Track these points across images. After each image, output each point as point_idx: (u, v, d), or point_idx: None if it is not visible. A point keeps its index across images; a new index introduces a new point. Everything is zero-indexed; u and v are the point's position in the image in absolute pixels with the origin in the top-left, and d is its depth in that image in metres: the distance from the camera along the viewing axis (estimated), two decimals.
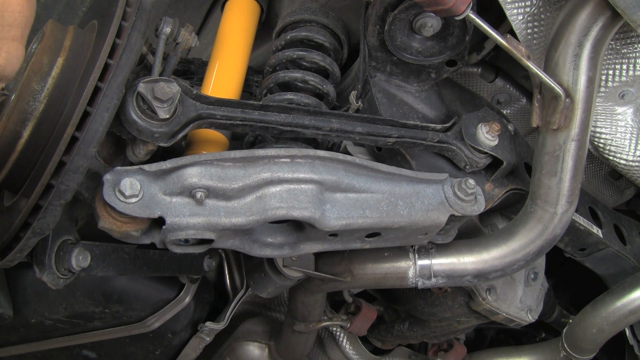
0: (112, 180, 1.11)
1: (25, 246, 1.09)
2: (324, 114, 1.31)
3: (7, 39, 0.78)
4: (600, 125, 1.50)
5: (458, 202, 1.35)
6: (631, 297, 1.63)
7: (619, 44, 1.36)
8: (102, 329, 1.87)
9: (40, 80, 1.08)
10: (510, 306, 1.71)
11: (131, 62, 1.07)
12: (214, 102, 1.21)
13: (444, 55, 1.44)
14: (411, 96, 1.54)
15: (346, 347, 2.13)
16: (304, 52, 1.53)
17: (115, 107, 1.05)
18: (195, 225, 1.16)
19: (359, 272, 1.58)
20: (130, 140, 1.19)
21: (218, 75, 1.54)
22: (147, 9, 1.13)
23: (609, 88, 1.43)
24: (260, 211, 1.20)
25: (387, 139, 1.36)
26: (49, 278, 1.23)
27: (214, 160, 1.18)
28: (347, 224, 1.25)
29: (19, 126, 1.07)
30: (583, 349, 1.75)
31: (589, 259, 1.79)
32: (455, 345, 2.04)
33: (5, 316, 1.76)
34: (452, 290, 1.75)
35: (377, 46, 1.45)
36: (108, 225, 1.15)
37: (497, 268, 1.47)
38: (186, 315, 1.92)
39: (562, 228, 1.42)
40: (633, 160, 1.54)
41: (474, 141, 1.42)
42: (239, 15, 1.64)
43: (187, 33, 1.31)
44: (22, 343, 1.91)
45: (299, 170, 1.23)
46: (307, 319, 1.85)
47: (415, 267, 1.51)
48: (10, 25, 0.77)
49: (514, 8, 1.34)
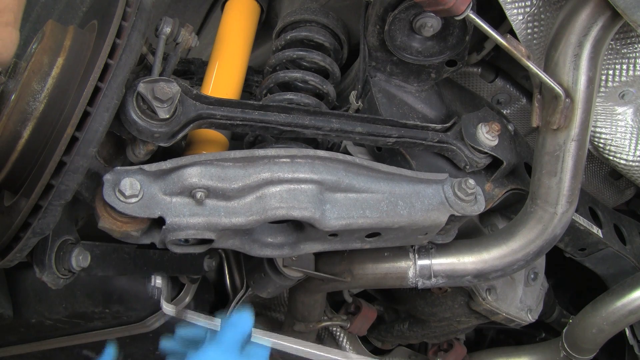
0: (112, 180, 1.11)
1: (25, 246, 1.09)
2: (324, 114, 1.31)
3: (0, 25, 0.77)
4: (600, 125, 1.50)
5: (458, 202, 1.35)
6: (631, 297, 1.63)
7: (619, 44, 1.36)
8: (102, 329, 1.87)
9: (40, 80, 1.08)
10: (510, 306, 1.71)
11: (131, 62, 1.07)
12: (214, 102, 1.21)
13: (444, 55, 1.44)
14: (411, 96, 1.54)
15: (346, 347, 2.13)
16: (304, 52, 1.53)
17: (115, 107, 1.05)
18: (195, 225, 1.16)
19: (359, 272, 1.58)
20: (130, 140, 1.19)
21: (218, 75, 1.54)
22: (147, 9, 1.13)
23: (609, 88, 1.43)
24: (260, 211, 1.20)
25: (387, 139, 1.36)
26: (49, 278, 1.23)
27: (214, 160, 1.18)
28: (347, 224, 1.25)
29: (19, 126, 1.07)
30: (583, 349, 1.75)
31: (589, 259, 1.79)
32: (455, 345, 2.04)
33: (5, 316, 1.76)
34: (452, 290, 1.75)
35: (377, 46, 1.45)
36: (108, 225, 1.15)
37: (497, 268, 1.47)
38: None
39: (562, 228, 1.42)
40: (633, 160, 1.54)
41: (474, 141, 1.42)
42: (239, 15, 1.64)
43: (187, 33, 1.31)
44: (22, 343, 1.91)
45: (299, 170, 1.23)
46: (307, 319, 1.85)
47: (415, 267, 1.51)
48: (3, 11, 0.77)
49: (514, 8, 1.34)
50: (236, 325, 1.17)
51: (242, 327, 1.18)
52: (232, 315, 1.19)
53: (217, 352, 1.12)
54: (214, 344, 1.13)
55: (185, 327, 1.26)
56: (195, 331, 1.25)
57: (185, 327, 1.26)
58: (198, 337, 1.25)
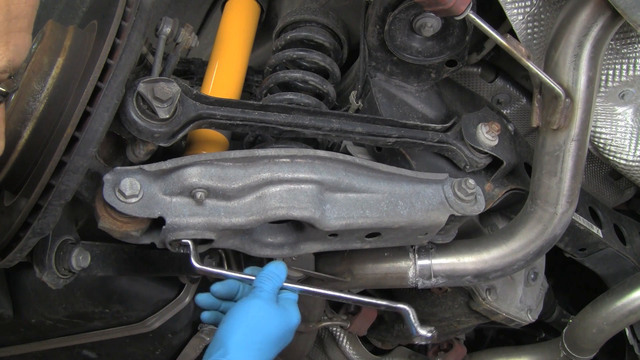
0: (112, 180, 1.11)
1: (25, 246, 1.09)
2: (324, 114, 1.31)
3: (14, 32, 0.78)
4: (600, 125, 1.50)
5: (458, 202, 1.35)
6: (631, 297, 1.63)
7: (619, 44, 1.36)
8: (102, 329, 1.87)
9: (40, 80, 1.08)
10: (510, 306, 1.71)
11: (131, 62, 1.07)
12: (214, 102, 1.21)
13: (444, 55, 1.44)
14: (411, 96, 1.54)
15: (346, 347, 2.13)
16: (304, 52, 1.53)
17: (115, 107, 1.05)
18: (195, 225, 1.16)
19: (359, 272, 1.58)
20: (130, 140, 1.19)
21: (218, 75, 1.54)
22: (147, 9, 1.13)
23: (609, 88, 1.43)
24: (260, 211, 1.20)
25: (387, 139, 1.36)
26: (49, 278, 1.23)
27: (214, 160, 1.18)
28: (347, 224, 1.25)
29: (19, 126, 1.07)
30: (583, 349, 1.75)
31: (589, 259, 1.79)
32: (455, 345, 2.04)
33: (5, 316, 1.76)
34: (452, 290, 1.75)
35: (377, 46, 1.45)
36: (108, 225, 1.15)
37: (497, 268, 1.47)
38: (186, 315, 1.92)
39: (562, 228, 1.42)
40: (633, 160, 1.54)
41: (474, 141, 1.42)
42: (239, 15, 1.64)
43: (187, 33, 1.31)
44: (22, 343, 1.90)
45: (299, 170, 1.23)
46: (307, 319, 1.85)
47: (415, 267, 1.51)
48: (17, 17, 0.78)
49: (514, 8, 1.34)
50: (272, 275, 1.22)
51: (278, 276, 1.23)
52: (269, 266, 1.24)
53: (261, 302, 1.16)
54: (256, 295, 1.18)
55: (218, 284, 1.30)
56: (229, 286, 1.29)
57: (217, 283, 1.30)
58: (232, 290, 1.29)
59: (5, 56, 0.77)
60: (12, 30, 0.78)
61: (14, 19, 0.77)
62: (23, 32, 0.80)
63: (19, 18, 0.78)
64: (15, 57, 0.80)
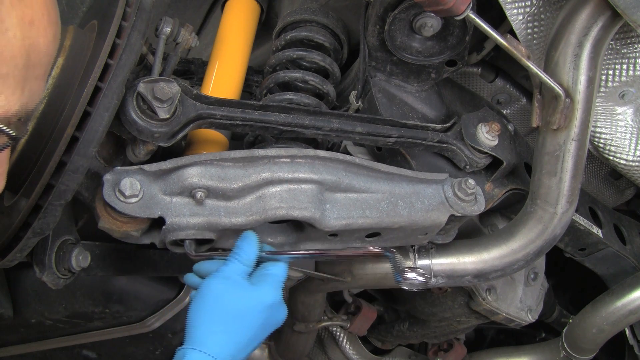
0: (112, 180, 1.11)
1: (25, 246, 1.09)
2: (324, 114, 1.31)
3: (31, 78, 0.80)
4: (600, 125, 1.50)
5: (458, 202, 1.35)
6: (631, 297, 1.63)
7: (619, 44, 1.36)
8: (102, 329, 1.87)
9: None
10: (510, 306, 1.71)
11: (131, 62, 1.07)
12: (214, 102, 1.21)
13: (444, 55, 1.44)
14: (411, 96, 1.53)
15: (346, 347, 2.13)
16: (304, 52, 1.53)
17: (115, 107, 1.05)
18: (195, 225, 1.16)
19: (359, 272, 1.58)
20: (130, 140, 1.19)
21: (218, 75, 1.53)
22: (147, 9, 1.13)
23: (609, 88, 1.43)
24: (260, 211, 1.20)
25: (387, 139, 1.36)
26: (49, 278, 1.23)
27: (214, 160, 1.18)
28: (347, 224, 1.25)
29: None
30: (583, 349, 1.75)
31: (589, 259, 1.79)
32: (455, 345, 2.04)
33: (5, 316, 1.76)
34: (452, 290, 1.75)
35: (377, 46, 1.45)
36: (108, 225, 1.15)
37: (497, 268, 1.47)
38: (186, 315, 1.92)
39: (562, 228, 1.42)
40: (633, 160, 1.54)
41: (474, 141, 1.42)
42: (239, 15, 1.64)
43: (187, 33, 1.31)
44: (22, 343, 1.91)
45: (299, 170, 1.23)
46: (307, 319, 1.85)
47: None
48: (35, 66, 0.79)
49: (514, 8, 1.34)
50: (239, 250, 1.15)
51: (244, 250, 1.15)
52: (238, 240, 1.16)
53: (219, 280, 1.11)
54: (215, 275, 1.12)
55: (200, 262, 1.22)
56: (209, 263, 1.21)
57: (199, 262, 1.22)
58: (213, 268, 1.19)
59: (20, 101, 0.79)
60: (30, 77, 0.79)
61: (32, 66, 0.79)
62: (39, 79, 0.82)
63: (37, 66, 0.80)
64: (29, 102, 0.81)
